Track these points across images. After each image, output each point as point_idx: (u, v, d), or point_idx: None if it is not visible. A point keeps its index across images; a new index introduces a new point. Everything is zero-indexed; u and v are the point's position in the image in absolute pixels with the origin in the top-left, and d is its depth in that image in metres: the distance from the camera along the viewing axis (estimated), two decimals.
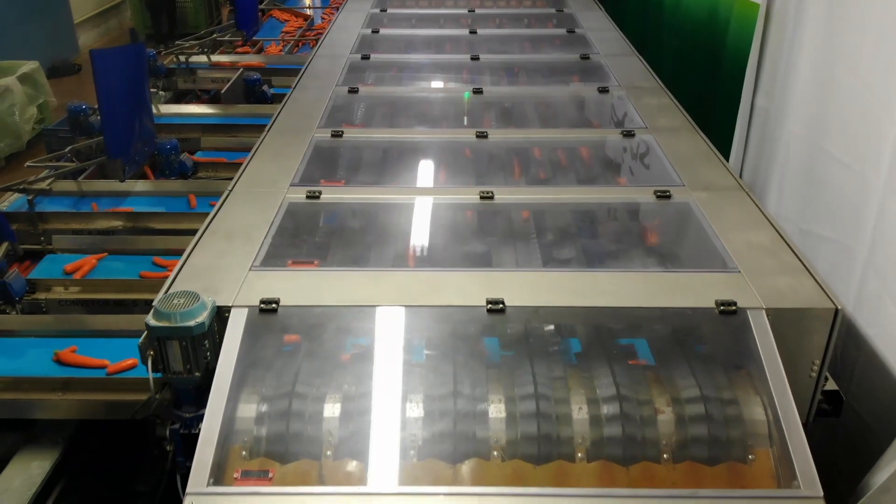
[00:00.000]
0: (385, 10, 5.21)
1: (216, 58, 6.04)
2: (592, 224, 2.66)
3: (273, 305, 1.97)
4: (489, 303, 1.98)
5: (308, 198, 2.58)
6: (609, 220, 2.72)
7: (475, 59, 4.12)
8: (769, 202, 3.10)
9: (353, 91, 3.63)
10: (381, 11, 5.18)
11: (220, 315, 1.96)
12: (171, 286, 2.03)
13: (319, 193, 2.60)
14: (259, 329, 1.97)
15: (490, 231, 2.61)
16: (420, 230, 2.54)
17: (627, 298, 2.04)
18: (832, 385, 2.10)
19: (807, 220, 2.79)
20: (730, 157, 3.52)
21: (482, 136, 3.11)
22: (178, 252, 3.33)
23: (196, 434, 1.80)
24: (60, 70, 8.67)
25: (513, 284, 2.08)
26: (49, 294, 3.15)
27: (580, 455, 1.80)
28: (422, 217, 2.59)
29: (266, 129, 3.16)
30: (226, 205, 2.51)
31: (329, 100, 3.50)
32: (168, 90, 5.60)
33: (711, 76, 4.07)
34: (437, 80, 4.02)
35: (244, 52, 6.51)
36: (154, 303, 1.90)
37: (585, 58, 4.10)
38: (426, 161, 3.04)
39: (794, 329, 1.96)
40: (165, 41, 9.10)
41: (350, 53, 4.24)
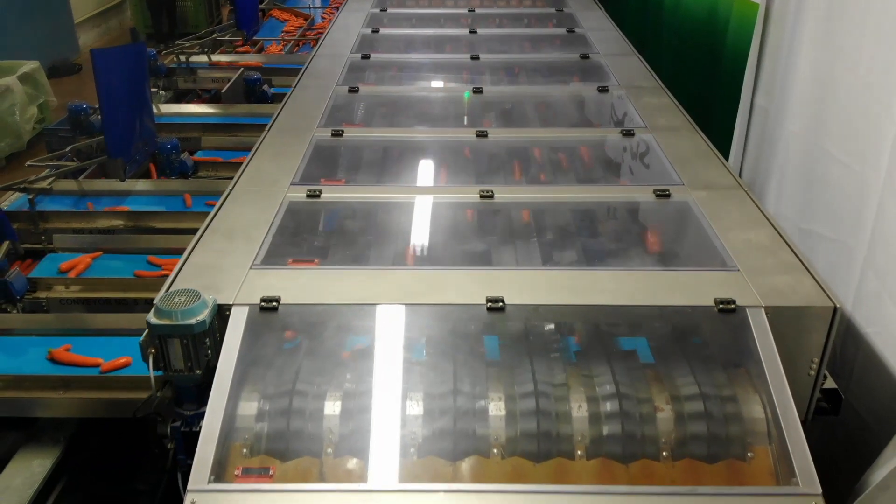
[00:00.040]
0: (385, 10, 5.21)
1: (216, 57, 6.04)
2: (592, 223, 2.67)
3: (274, 304, 1.98)
4: (489, 301, 1.98)
5: (308, 197, 2.58)
6: (608, 219, 2.72)
7: (475, 59, 4.13)
8: (769, 201, 3.11)
9: (354, 90, 3.64)
10: (382, 11, 5.18)
11: (221, 313, 1.96)
12: (173, 284, 2.03)
13: (320, 192, 2.60)
14: (260, 327, 1.97)
15: (490, 230, 2.61)
16: (420, 229, 2.55)
17: (627, 297, 2.04)
18: (831, 383, 2.10)
19: (806, 220, 2.80)
20: (729, 157, 3.53)
21: (482, 136, 3.11)
22: (178, 251, 3.36)
23: (197, 432, 1.80)
24: (61, 70, 8.67)
25: (512, 283, 2.08)
26: (50, 293, 3.16)
27: (579, 453, 1.81)
28: (422, 216, 2.59)
29: (266, 129, 3.16)
30: (226, 204, 2.51)
31: (329, 99, 3.50)
32: (168, 90, 5.61)
33: (711, 75, 4.07)
34: (437, 80, 4.02)
35: (244, 52, 6.52)
36: (155, 301, 1.91)
37: (585, 57, 4.10)
38: (426, 160, 3.04)
39: (793, 327, 1.97)
40: (165, 41, 9.11)
41: (350, 53, 4.24)
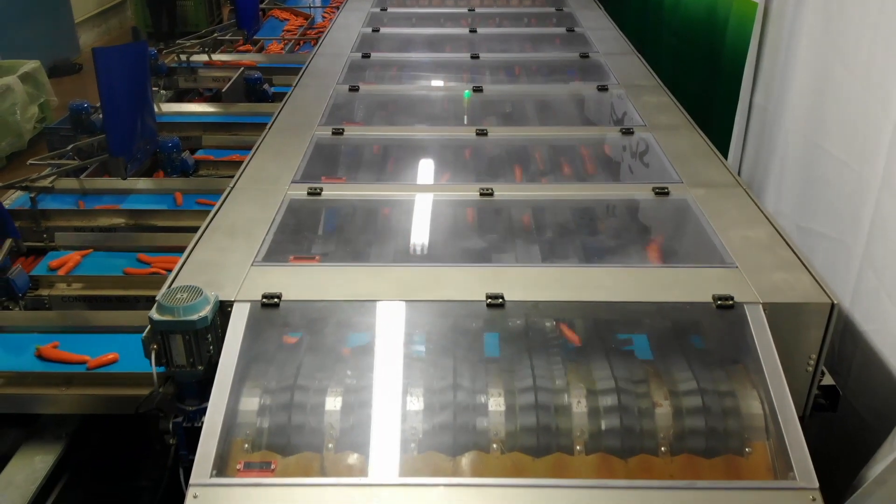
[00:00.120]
0: (385, 10, 5.22)
1: (217, 57, 6.05)
2: (592, 220, 2.68)
3: (275, 300, 1.99)
4: (489, 297, 1.99)
5: (309, 194, 2.59)
6: (608, 217, 2.73)
7: (475, 58, 4.14)
8: (767, 199, 3.12)
9: (354, 89, 3.65)
10: (382, 10, 5.19)
11: (223, 310, 1.97)
12: (175, 281, 2.04)
13: (320, 190, 2.61)
14: (261, 323, 1.99)
15: (490, 227, 2.62)
16: (420, 226, 2.55)
17: (626, 293, 2.05)
18: (829, 380, 2.10)
19: (804, 218, 2.81)
20: (728, 155, 3.54)
21: (482, 134, 3.12)
22: (172, 249, 3.38)
23: (199, 427, 1.81)
24: (61, 69, 8.68)
25: (512, 279, 2.09)
26: (52, 290, 3.17)
27: (579, 448, 1.82)
28: (422, 213, 2.60)
29: (267, 127, 3.17)
30: (228, 201, 2.52)
31: (330, 98, 3.51)
32: (169, 89, 5.62)
33: (710, 74, 4.08)
34: (438, 79, 4.03)
35: (245, 51, 6.53)
36: (158, 297, 1.92)
37: (585, 56, 4.11)
38: (426, 158, 3.05)
39: (791, 323, 1.97)
40: (165, 40, 9.12)
41: (351, 52, 4.24)
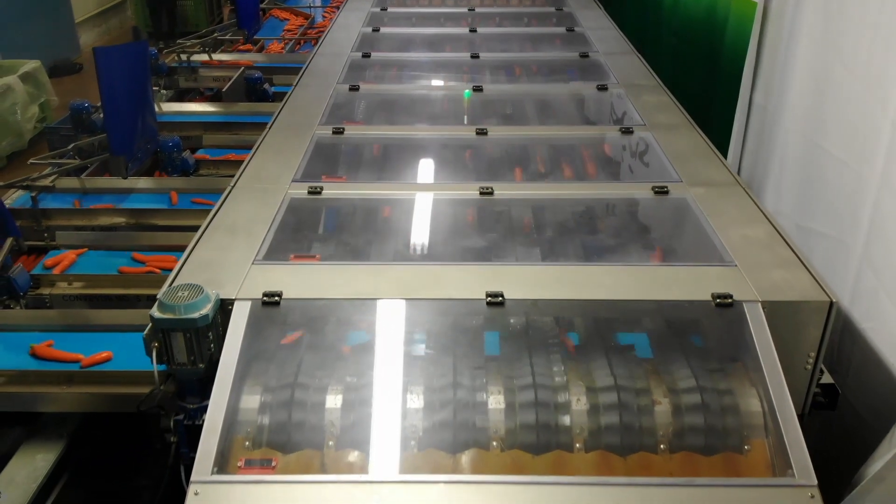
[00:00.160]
0: (385, 9, 5.23)
1: (217, 56, 6.06)
2: (591, 219, 2.68)
3: (276, 298, 2.00)
4: (489, 296, 2.00)
5: (310, 193, 2.60)
6: (607, 216, 2.74)
7: (475, 58, 4.14)
8: (767, 199, 3.13)
9: (354, 89, 3.65)
10: (382, 10, 5.20)
11: (224, 308, 1.98)
12: (176, 279, 2.05)
13: (321, 189, 2.62)
14: (262, 321, 1.99)
15: (490, 226, 2.63)
16: (420, 225, 2.56)
17: (625, 291, 2.05)
18: (828, 379, 2.11)
19: (804, 217, 2.82)
20: (728, 154, 3.54)
21: (482, 133, 3.12)
22: (168, 248, 3.39)
23: (200, 425, 1.81)
24: (62, 69, 8.69)
25: (512, 278, 2.09)
26: (53, 289, 3.18)
27: (578, 445, 1.82)
28: (422, 212, 2.61)
29: (268, 127, 3.17)
30: (228, 200, 2.53)
31: (330, 97, 3.52)
32: (170, 88, 5.63)
33: (710, 74, 4.09)
34: (438, 78, 4.03)
35: (245, 51, 6.53)
36: (159, 295, 1.92)
37: (585, 56, 4.12)
38: (426, 157, 3.06)
39: (790, 322, 1.98)
40: (165, 39, 9.12)
41: (351, 52, 4.25)
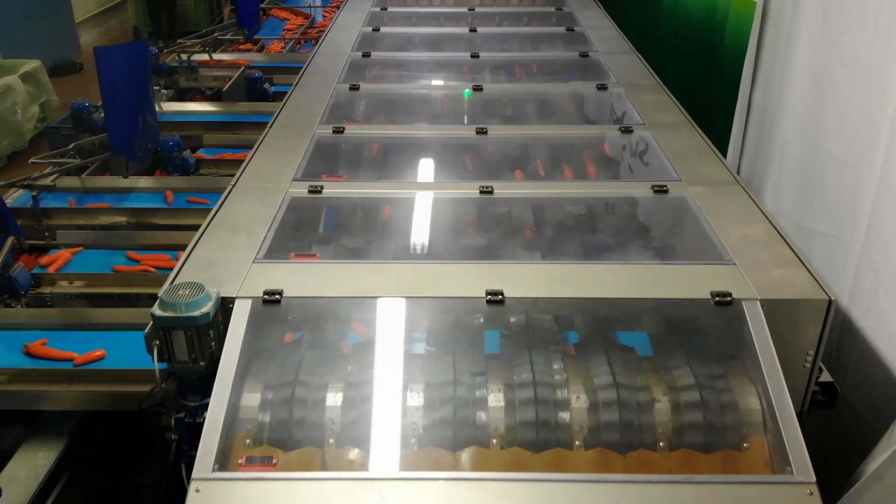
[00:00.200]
0: (386, 9, 5.23)
1: (218, 56, 6.06)
2: (591, 218, 2.69)
3: (276, 296, 2.00)
4: (488, 294, 2.01)
5: (310, 192, 2.61)
6: (607, 214, 2.75)
7: (475, 57, 4.15)
8: (766, 198, 3.13)
9: (355, 88, 3.66)
10: (382, 10, 5.20)
11: (225, 306, 1.98)
12: (177, 278, 2.05)
13: (321, 188, 2.62)
14: (263, 319, 2.00)
15: (490, 225, 2.64)
16: (421, 224, 2.56)
17: (625, 290, 2.06)
18: (827, 377, 2.11)
19: (803, 216, 2.82)
20: (727, 153, 3.55)
21: (482, 133, 3.13)
22: (170, 247, 3.40)
23: (200, 423, 1.82)
24: (62, 69, 8.70)
25: (512, 276, 2.10)
26: (53, 288, 3.18)
27: (578, 443, 1.83)
28: (422, 211, 2.61)
29: (268, 126, 3.18)
30: (229, 199, 2.53)
31: (330, 97, 3.52)
32: (170, 88, 5.63)
33: (709, 73, 4.09)
34: (438, 78, 4.04)
35: (246, 50, 6.54)
36: (160, 294, 1.93)
37: (584, 55, 4.12)
38: (426, 157, 3.06)
39: (789, 320, 1.98)
40: (165, 39, 9.12)
41: (351, 51, 4.26)
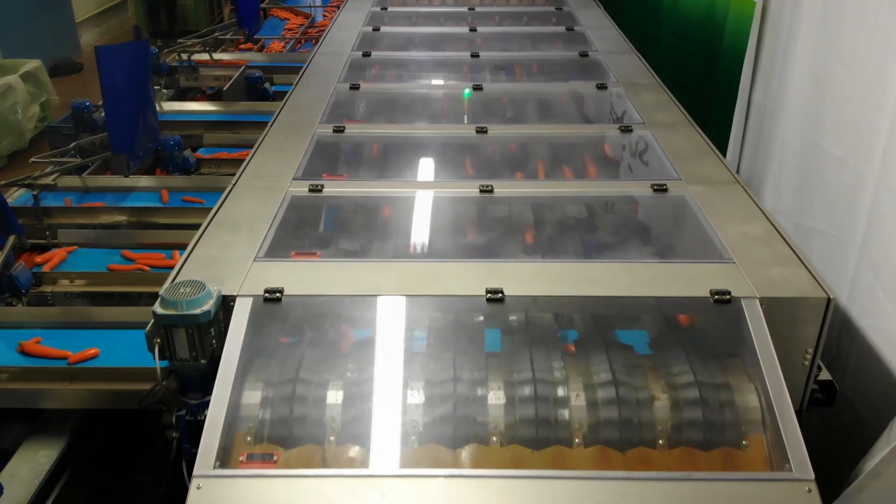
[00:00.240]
0: (386, 9, 5.24)
1: (218, 56, 6.07)
2: (591, 217, 2.69)
3: (277, 295, 2.01)
4: (488, 292, 2.01)
5: (311, 191, 2.61)
6: (607, 213, 2.75)
7: (475, 57, 4.16)
8: (766, 197, 3.14)
9: (355, 87, 3.67)
10: (382, 10, 5.21)
11: (226, 304, 1.99)
12: (178, 276, 2.06)
13: (322, 187, 2.63)
14: (263, 318, 2.00)
15: (490, 224, 2.64)
16: (421, 223, 2.57)
17: (624, 288, 2.07)
18: (826, 375, 2.12)
19: (802, 215, 2.83)
20: (727, 153, 3.56)
21: (482, 132, 3.14)
22: (172, 245, 3.40)
23: (201, 421, 1.82)
24: (62, 69, 8.70)
25: (512, 274, 2.11)
26: (55, 287, 3.19)
27: (577, 440, 1.84)
28: (422, 210, 2.62)
29: (269, 125, 3.18)
30: (230, 198, 2.54)
31: (331, 96, 3.53)
32: (171, 88, 5.64)
33: (709, 73, 4.10)
34: (438, 77, 4.04)
35: (246, 50, 6.54)
36: (161, 292, 1.94)
37: (584, 55, 4.13)
38: (427, 156, 3.07)
39: (788, 318, 1.99)
40: (164, 39, 9.12)
41: (351, 51, 4.26)
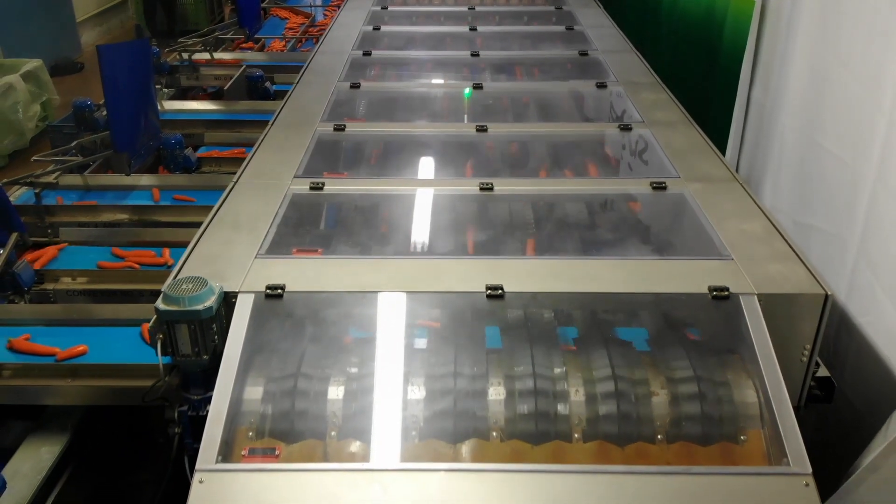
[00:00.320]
0: (386, 8, 5.26)
1: (219, 55, 6.08)
2: (590, 214, 2.71)
3: (279, 291, 2.02)
4: (488, 289, 2.02)
5: (311, 189, 2.63)
6: (606, 211, 2.76)
7: (475, 56, 4.17)
8: (765, 195, 3.15)
9: (355, 86, 3.68)
10: (383, 9, 5.22)
11: (228, 300, 2.00)
12: (180, 273, 2.07)
13: (323, 185, 2.64)
14: (265, 314, 2.02)
15: (490, 221, 2.65)
16: (421, 220, 2.58)
17: (623, 284, 2.08)
18: (824, 372, 2.13)
19: (801, 213, 2.84)
20: (726, 151, 3.57)
21: (482, 130, 3.15)
22: (156, 244, 3.41)
23: (204, 416, 1.83)
24: (63, 68, 8.71)
25: (511, 271, 2.12)
26: (57, 284, 3.20)
27: (577, 436, 1.85)
28: (423, 207, 2.63)
29: (270, 123, 3.19)
30: (231, 195, 2.55)
31: (331, 95, 3.54)
32: (171, 87, 5.65)
33: (708, 71, 4.11)
34: (438, 76, 4.06)
35: (247, 49, 6.55)
36: (163, 288, 1.95)
37: (584, 54, 4.14)
38: (427, 154, 3.09)
39: (786, 314, 2.00)
40: (161, 38, 9.12)
41: (352, 50, 4.28)
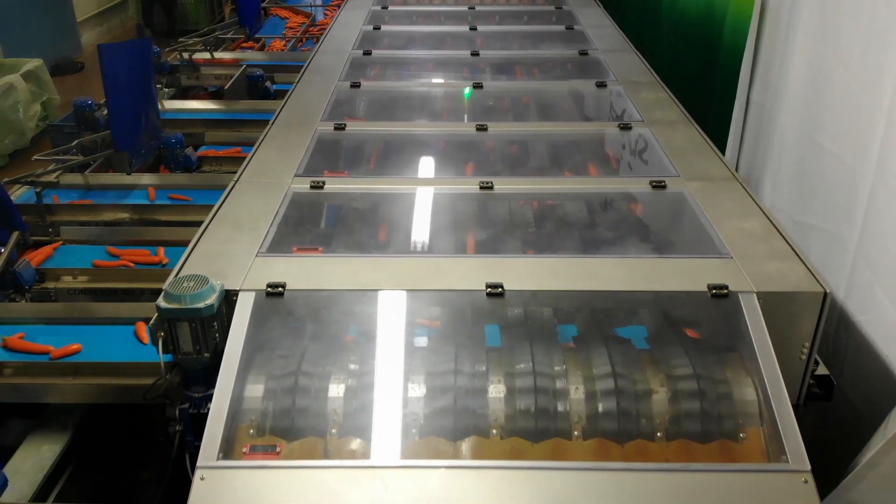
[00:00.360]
0: (386, 8, 5.26)
1: (219, 54, 6.09)
2: (590, 213, 2.71)
3: (279, 289, 2.03)
4: (488, 287, 2.03)
5: (312, 188, 2.63)
6: (606, 209, 2.77)
7: (475, 55, 4.18)
8: (764, 194, 3.16)
9: (356, 86, 3.69)
10: (383, 9, 5.23)
11: (229, 298, 2.01)
12: (181, 271, 2.08)
13: (323, 184, 2.65)
14: (266, 312, 2.02)
15: (490, 220, 2.66)
16: (421, 219, 2.58)
17: (623, 283, 2.08)
18: (824, 370, 2.13)
19: (800, 211, 2.85)
20: (726, 150, 3.58)
21: (482, 129, 3.16)
22: (151, 243, 3.42)
23: (205, 414, 1.84)
24: (63, 68, 8.73)
25: (511, 269, 2.12)
26: (58, 283, 3.21)
27: (576, 433, 1.86)
28: (423, 206, 2.63)
29: (270, 123, 3.20)
30: (232, 194, 2.56)
31: (332, 94, 3.55)
32: (172, 86, 5.66)
33: (708, 71, 4.12)
34: (438, 76, 4.07)
35: (247, 48, 6.56)
36: (165, 286, 1.96)
37: (584, 53, 4.15)
38: (427, 153, 3.09)
39: (785, 312, 2.01)
40: (160, 38, 9.12)
41: (352, 49, 4.28)
